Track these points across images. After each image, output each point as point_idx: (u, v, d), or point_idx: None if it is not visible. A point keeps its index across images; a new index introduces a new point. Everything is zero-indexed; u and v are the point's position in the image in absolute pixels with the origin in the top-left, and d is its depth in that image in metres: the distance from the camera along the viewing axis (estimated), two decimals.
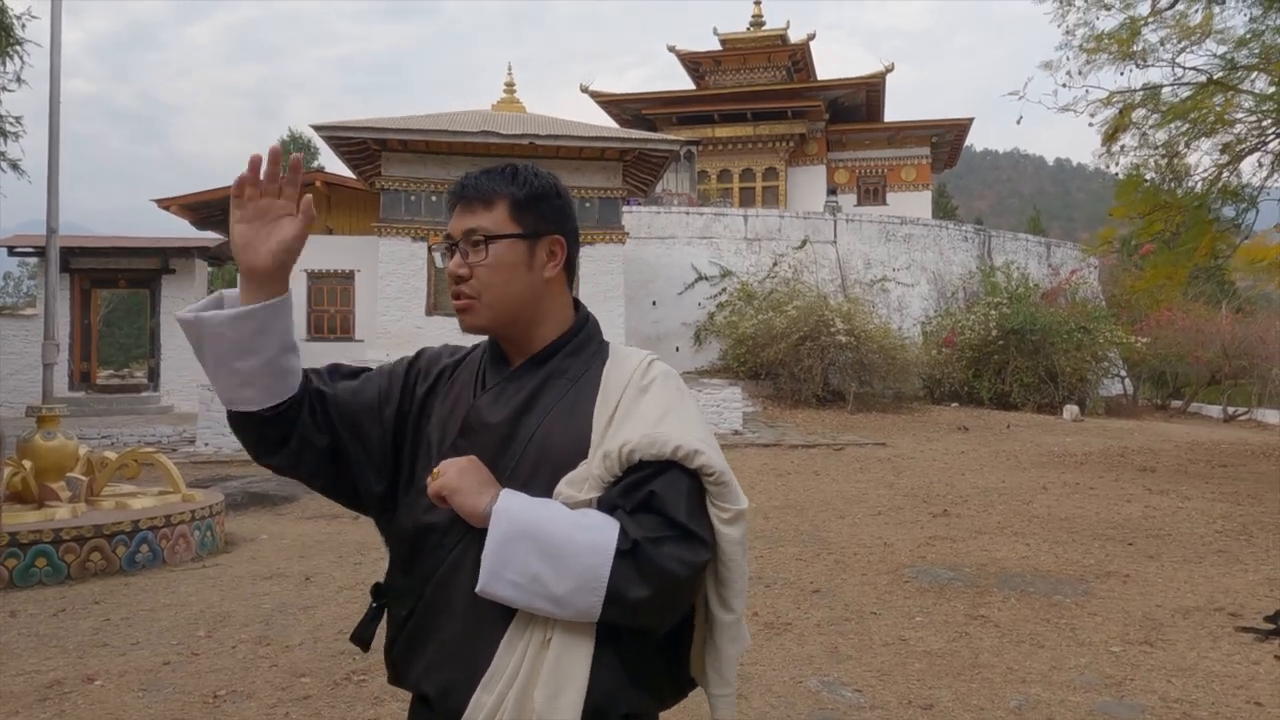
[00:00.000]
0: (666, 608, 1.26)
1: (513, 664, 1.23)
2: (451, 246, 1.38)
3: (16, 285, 56.28)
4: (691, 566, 1.24)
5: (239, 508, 9.03)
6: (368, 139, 16.89)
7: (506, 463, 1.31)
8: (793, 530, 7.69)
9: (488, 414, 1.35)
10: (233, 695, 3.94)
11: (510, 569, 1.20)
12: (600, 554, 1.19)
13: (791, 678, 4.19)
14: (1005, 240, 27.34)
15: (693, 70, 33.78)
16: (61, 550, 6.07)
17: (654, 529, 1.23)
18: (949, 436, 15.59)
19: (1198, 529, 7.72)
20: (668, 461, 1.25)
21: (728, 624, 1.35)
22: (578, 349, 1.41)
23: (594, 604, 1.20)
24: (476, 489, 1.25)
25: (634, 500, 1.25)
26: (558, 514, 1.23)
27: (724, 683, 1.37)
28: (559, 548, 1.20)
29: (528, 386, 1.36)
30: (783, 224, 24.14)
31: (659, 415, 1.29)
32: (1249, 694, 4.00)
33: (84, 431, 12.87)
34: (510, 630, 1.24)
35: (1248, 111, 10.43)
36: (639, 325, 21.12)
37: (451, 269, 1.36)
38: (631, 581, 1.20)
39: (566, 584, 1.19)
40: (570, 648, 1.22)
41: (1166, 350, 22.93)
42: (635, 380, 1.35)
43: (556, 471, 1.29)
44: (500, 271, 1.35)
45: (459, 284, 1.36)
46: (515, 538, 1.20)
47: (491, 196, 1.36)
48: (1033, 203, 78.36)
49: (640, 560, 1.20)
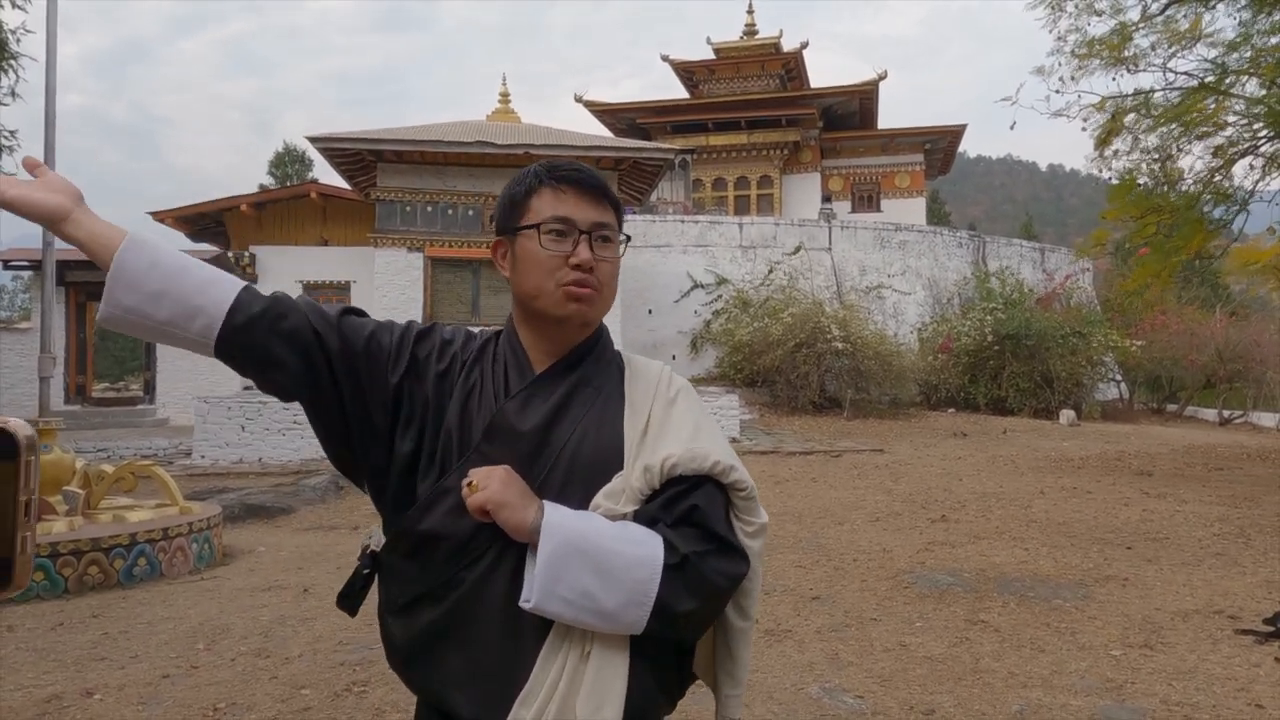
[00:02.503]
0: (706, 619, 1.30)
1: (551, 677, 1.21)
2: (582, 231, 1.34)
3: (11, 299, 56.22)
4: (733, 579, 1.27)
5: (236, 520, 9.00)
6: (362, 150, 16.91)
7: (538, 473, 1.29)
8: (791, 537, 7.68)
9: (516, 420, 1.31)
10: (232, 708, 3.92)
11: (563, 585, 1.19)
12: (649, 568, 1.20)
13: (793, 685, 4.19)
14: (999, 246, 27.44)
15: (687, 79, 33.93)
16: (59, 564, 6.05)
17: (698, 543, 1.24)
18: (946, 442, 15.60)
19: (1195, 532, 7.72)
20: (705, 475, 1.27)
21: (744, 630, 1.37)
22: (599, 357, 1.40)
23: (641, 617, 1.20)
24: (521, 502, 1.22)
25: (675, 514, 1.26)
26: (604, 528, 1.23)
27: (735, 684, 1.39)
28: (609, 562, 1.20)
29: (556, 394, 1.34)
30: (778, 231, 24.21)
31: (693, 430, 1.32)
32: (1250, 696, 4.00)
33: (80, 445, 12.85)
34: (548, 644, 1.23)
35: (1239, 115, 10.49)
36: (635, 334, 21.14)
37: (585, 258, 1.32)
38: (679, 595, 1.21)
39: (616, 599, 1.19)
40: (609, 659, 1.22)
41: (1161, 354, 23.01)
42: (662, 393, 1.37)
43: (587, 483, 1.28)
44: (617, 272, 1.40)
45: (586, 272, 1.33)
46: (567, 553, 1.19)
47: (611, 196, 1.39)
48: (1026, 208, 78.66)
49: (689, 574, 1.22)
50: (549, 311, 1.34)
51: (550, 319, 1.35)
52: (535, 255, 1.34)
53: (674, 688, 1.35)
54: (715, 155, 31.50)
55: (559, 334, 1.37)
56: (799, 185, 31.93)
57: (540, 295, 1.34)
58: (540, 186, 1.36)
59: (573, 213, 1.34)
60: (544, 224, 1.33)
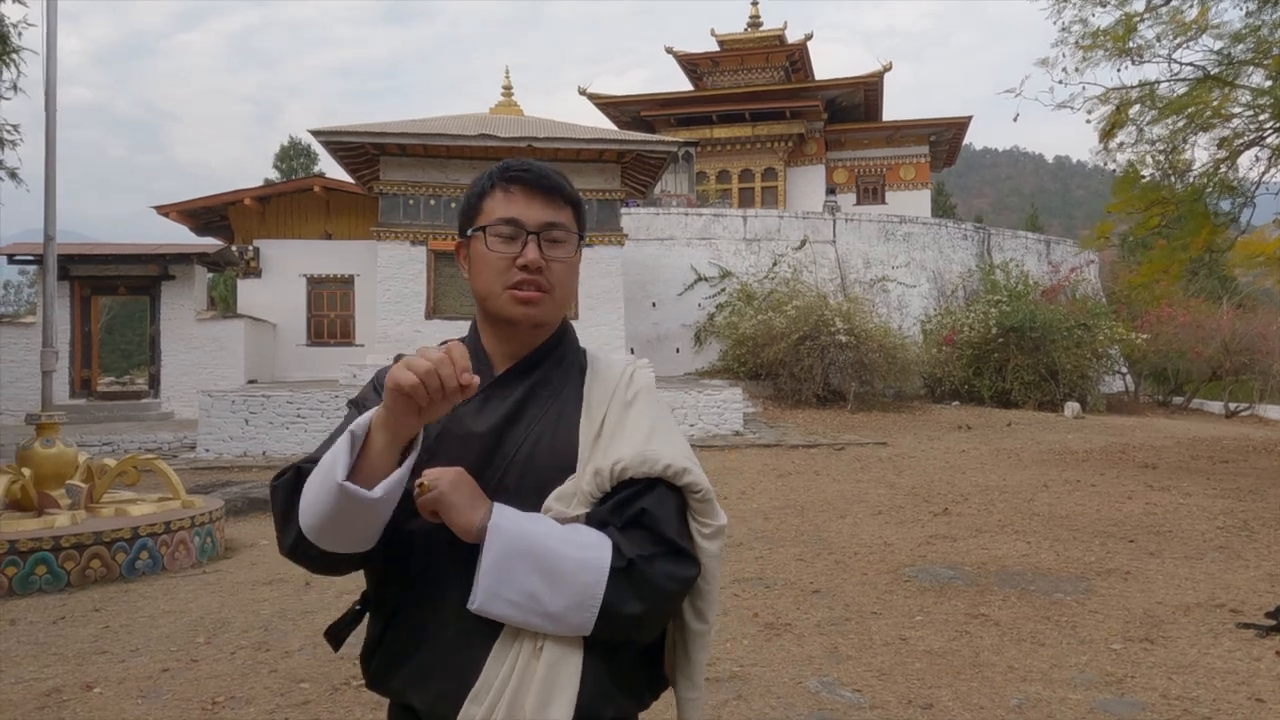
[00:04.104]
0: (656, 622, 1.29)
1: (502, 675, 1.21)
2: (511, 233, 1.32)
3: (17, 293, 56.37)
4: (682, 583, 1.27)
5: (239, 513, 9.02)
6: (366, 144, 16.89)
7: (491, 474, 1.28)
8: (793, 530, 7.68)
9: (472, 423, 1.32)
10: (231, 701, 3.93)
11: (507, 587, 1.19)
12: (596, 572, 1.20)
13: (791, 678, 4.19)
14: (1005, 238, 27.34)
15: (691, 71, 33.81)
16: (61, 558, 6.08)
17: (646, 546, 1.24)
18: (950, 435, 15.57)
19: (1199, 525, 7.70)
20: (656, 478, 1.27)
21: (701, 633, 1.36)
22: (560, 359, 1.40)
23: (588, 620, 1.20)
24: (469, 504, 1.22)
25: (624, 517, 1.26)
26: (552, 531, 1.23)
27: (694, 686, 1.38)
28: (555, 566, 1.19)
29: (513, 396, 1.34)
30: (782, 224, 24.14)
31: (648, 432, 1.31)
32: (1250, 690, 3.99)
33: (85, 439, 12.89)
34: (499, 642, 1.23)
35: (1244, 106, 10.42)
36: (639, 327, 21.12)
37: (533, 259, 1.31)
38: (626, 598, 1.21)
39: (562, 601, 1.19)
40: (560, 658, 1.21)
41: (1167, 346, 22.89)
42: (619, 394, 1.36)
43: (541, 486, 1.28)
44: (572, 272, 1.38)
45: (534, 273, 1.32)
46: (512, 556, 1.19)
47: (565, 194, 1.37)
48: (1032, 200, 78.34)
49: (634, 578, 1.22)
50: (500, 313, 1.35)
51: (503, 321, 1.35)
52: (485, 257, 1.35)
53: (639, 688, 1.34)
54: (719, 147, 31.38)
55: (515, 336, 1.37)
56: (803, 178, 31.81)
57: (490, 297, 1.35)
58: (492, 188, 1.37)
59: (521, 213, 1.34)
60: (490, 225, 1.34)
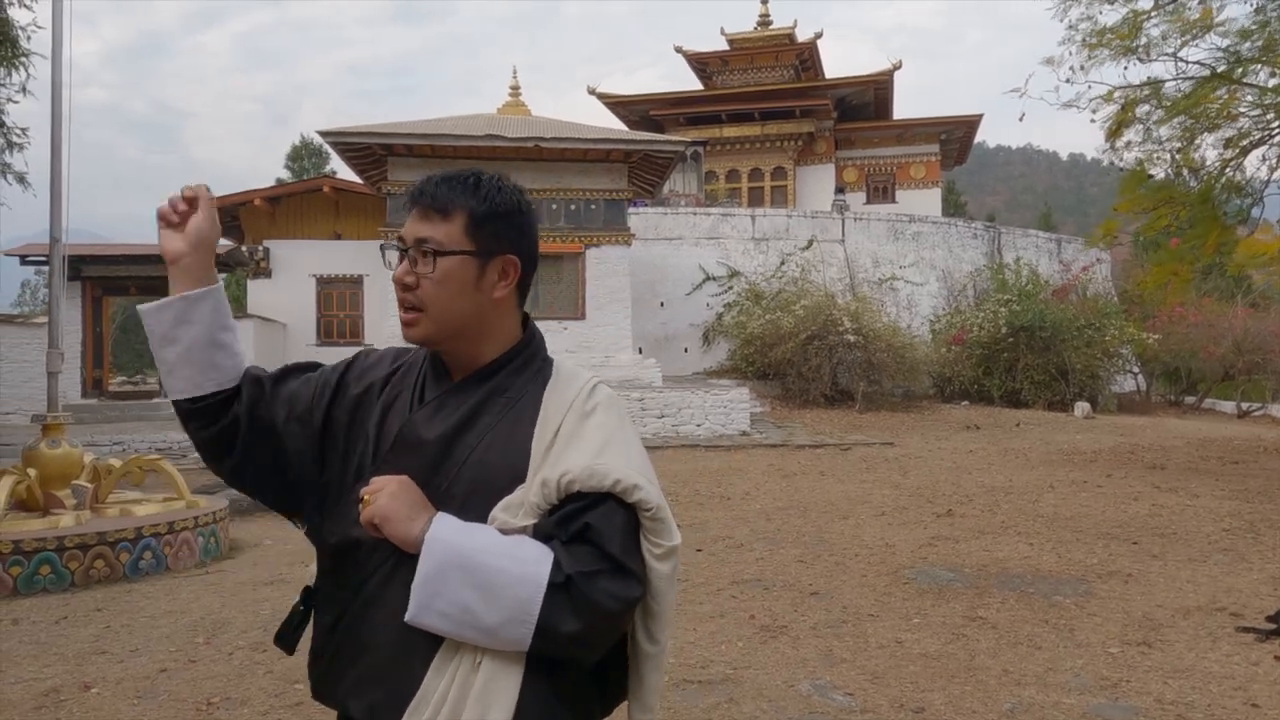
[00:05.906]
0: (597, 641, 1.25)
1: (441, 687, 1.20)
2: (403, 250, 1.33)
3: (34, 294, 56.85)
4: (623, 601, 1.23)
5: (244, 513, 9.06)
6: (374, 145, 16.98)
7: (440, 482, 1.28)
8: (795, 532, 7.67)
9: (424, 430, 1.31)
10: (226, 702, 3.96)
11: (441, 600, 1.18)
12: (532, 586, 1.17)
13: (784, 681, 4.18)
14: (1015, 237, 27.24)
15: (700, 70, 33.81)
16: (65, 558, 6.13)
17: (588, 562, 1.21)
18: (958, 435, 15.51)
19: (1204, 527, 7.64)
20: (605, 493, 1.23)
21: (652, 654, 1.33)
22: (521, 367, 1.37)
23: (524, 635, 1.18)
24: (409, 515, 1.22)
25: (569, 531, 1.23)
26: (491, 543, 1.21)
27: (645, 708, 1.35)
28: (491, 579, 1.18)
29: (467, 404, 1.33)
30: (790, 223, 24.11)
31: (600, 445, 1.27)
32: (1246, 695, 3.95)
33: (96, 438, 12.99)
34: (440, 654, 1.22)
35: (1251, 105, 10.32)
36: (647, 327, 21.13)
37: (398, 275, 1.32)
38: (563, 615, 1.18)
39: (497, 616, 1.17)
40: (500, 671, 1.20)
41: (1179, 346, 22.75)
42: (578, 405, 1.32)
43: (491, 495, 1.26)
44: (447, 287, 1.30)
45: (405, 292, 1.32)
46: (447, 568, 1.18)
47: (450, 207, 1.31)
48: (1046, 198, 77.85)
49: (573, 594, 1.18)
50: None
51: None
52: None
53: (590, 703, 1.33)
54: (729, 147, 31.37)
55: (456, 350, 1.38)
56: (813, 176, 31.76)
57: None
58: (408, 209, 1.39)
59: (405, 230, 1.35)
60: (386, 245, 1.41)
